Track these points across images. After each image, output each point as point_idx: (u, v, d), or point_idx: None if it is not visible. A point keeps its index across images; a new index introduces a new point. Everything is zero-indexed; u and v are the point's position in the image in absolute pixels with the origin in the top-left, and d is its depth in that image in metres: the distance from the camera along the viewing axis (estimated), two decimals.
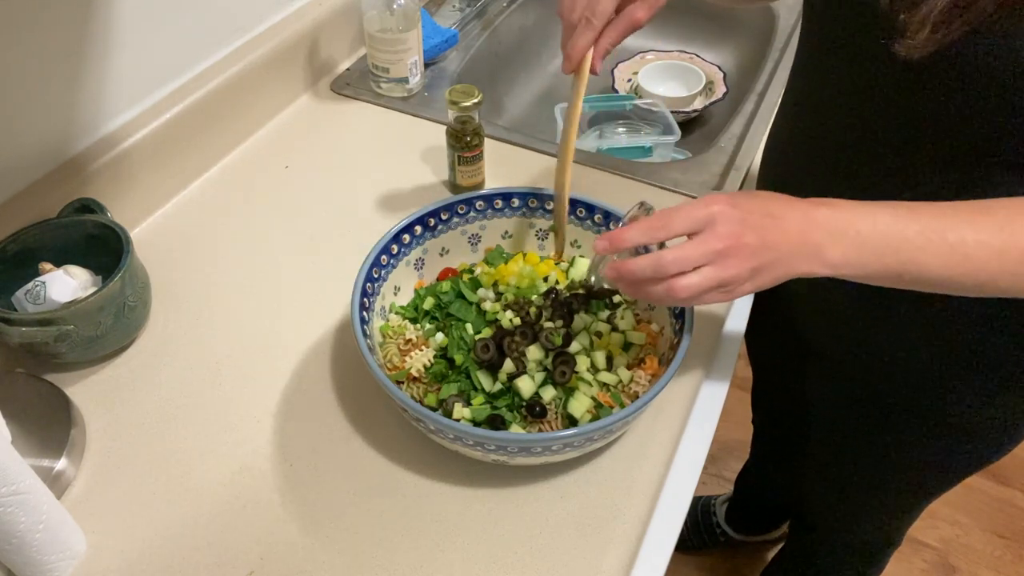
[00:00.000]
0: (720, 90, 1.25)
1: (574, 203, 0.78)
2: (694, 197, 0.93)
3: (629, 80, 1.31)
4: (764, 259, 0.57)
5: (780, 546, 1.35)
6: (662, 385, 0.63)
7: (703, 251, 0.57)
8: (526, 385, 0.67)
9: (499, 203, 0.80)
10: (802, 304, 0.83)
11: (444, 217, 0.78)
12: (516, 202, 0.80)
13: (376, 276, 0.73)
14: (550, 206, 0.79)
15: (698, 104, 1.25)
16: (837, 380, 0.85)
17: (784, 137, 0.78)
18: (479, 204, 0.79)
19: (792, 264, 0.57)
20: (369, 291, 0.71)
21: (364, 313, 0.69)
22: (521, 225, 0.81)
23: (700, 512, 1.56)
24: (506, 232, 0.81)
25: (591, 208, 0.78)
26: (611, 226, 0.77)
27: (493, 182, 0.94)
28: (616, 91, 1.29)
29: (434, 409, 0.68)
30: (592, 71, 0.68)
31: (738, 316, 0.81)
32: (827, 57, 0.67)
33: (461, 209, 0.79)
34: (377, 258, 0.73)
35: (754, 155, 0.97)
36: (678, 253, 0.57)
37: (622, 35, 0.67)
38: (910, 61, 0.55)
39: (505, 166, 0.97)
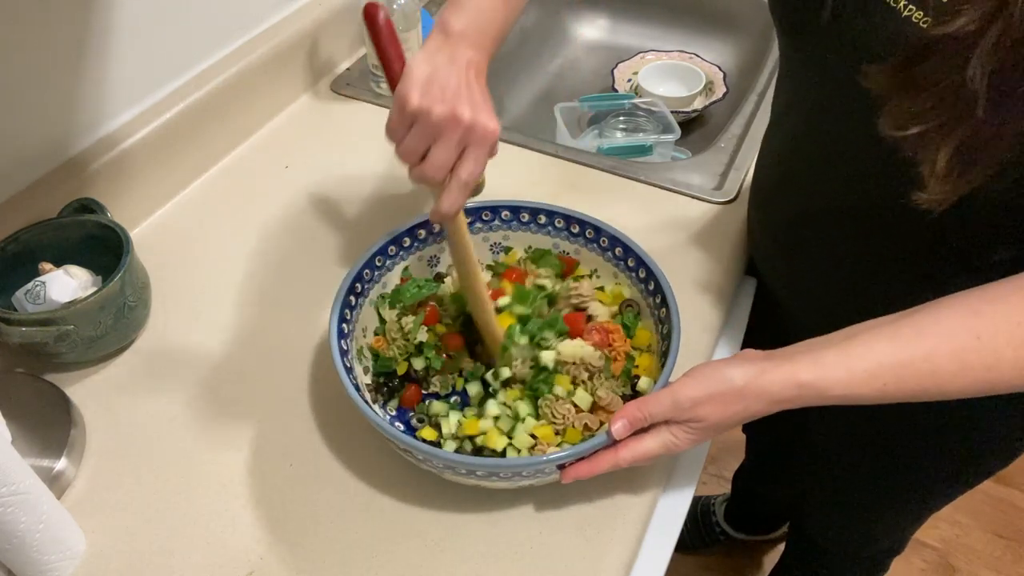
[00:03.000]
0: (720, 90, 1.25)
1: (567, 219, 0.76)
2: (694, 197, 0.93)
3: (629, 80, 1.31)
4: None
5: (780, 546, 1.35)
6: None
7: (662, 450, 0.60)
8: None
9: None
10: (799, 320, 0.80)
11: (420, 237, 0.77)
12: (486, 215, 0.78)
13: (359, 290, 0.72)
14: (507, 216, 0.77)
15: (698, 104, 1.24)
16: None
17: (776, 142, 0.77)
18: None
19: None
20: (351, 304, 0.71)
21: (344, 326, 0.68)
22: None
23: (700, 512, 1.56)
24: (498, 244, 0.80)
25: (583, 224, 0.75)
26: (601, 242, 0.75)
27: (493, 182, 0.94)
28: (616, 91, 1.29)
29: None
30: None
31: (737, 317, 0.81)
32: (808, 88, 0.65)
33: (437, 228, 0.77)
34: (360, 272, 0.72)
35: (753, 155, 0.97)
36: (637, 454, 0.60)
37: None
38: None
39: (505, 166, 0.97)
